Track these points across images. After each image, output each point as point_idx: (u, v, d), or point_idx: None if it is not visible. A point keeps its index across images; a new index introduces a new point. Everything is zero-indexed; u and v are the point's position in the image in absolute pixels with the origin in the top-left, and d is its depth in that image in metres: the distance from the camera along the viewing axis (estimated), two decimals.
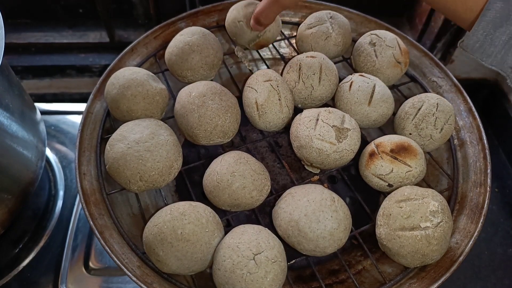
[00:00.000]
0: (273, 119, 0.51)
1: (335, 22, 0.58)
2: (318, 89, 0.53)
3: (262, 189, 0.46)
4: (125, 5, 0.85)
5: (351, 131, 0.47)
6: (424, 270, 0.44)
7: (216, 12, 0.65)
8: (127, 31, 0.89)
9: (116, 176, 0.45)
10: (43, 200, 0.65)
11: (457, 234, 0.46)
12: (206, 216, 0.42)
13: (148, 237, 0.41)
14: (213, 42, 0.55)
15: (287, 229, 0.43)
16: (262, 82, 0.51)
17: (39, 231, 0.62)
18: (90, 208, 0.46)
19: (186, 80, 0.55)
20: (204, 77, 0.55)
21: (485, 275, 0.67)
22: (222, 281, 0.39)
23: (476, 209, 0.48)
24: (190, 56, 0.53)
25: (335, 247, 0.42)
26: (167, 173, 0.45)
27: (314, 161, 0.48)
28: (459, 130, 0.55)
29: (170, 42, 0.56)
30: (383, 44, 0.56)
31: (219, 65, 0.57)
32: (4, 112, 0.47)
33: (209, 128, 0.47)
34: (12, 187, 0.51)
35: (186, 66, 0.53)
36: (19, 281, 0.58)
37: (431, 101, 0.50)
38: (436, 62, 0.60)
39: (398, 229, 0.42)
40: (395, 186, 0.47)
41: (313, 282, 0.48)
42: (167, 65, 0.56)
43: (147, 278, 0.42)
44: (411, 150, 0.46)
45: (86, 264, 0.59)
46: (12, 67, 0.63)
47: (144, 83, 0.50)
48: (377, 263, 0.46)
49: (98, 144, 0.51)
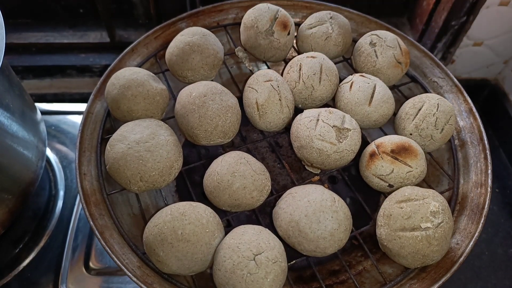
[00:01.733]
0: (274, 119, 0.51)
1: (335, 23, 0.58)
2: (318, 89, 0.53)
3: (262, 190, 0.45)
4: (126, 5, 0.85)
5: (351, 132, 0.47)
6: (424, 270, 0.44)
7: (217, 12, 0.65)
8: (127, 31, 0.89)
9: (116, 176, 0.45)
10: (43, 200, 0.65)
11: (457, 235, 0.46)
12: (207, 217, 0.42)
13: (148, 237, 0.41)
14: (213, 43, 0.55)
15: (288, 230, 0.43)
16: (262, 82, 0.51)
17: (39, 231, 0.62)
18: (90, 208, 0.46)
19: (186, 80, 0.55)
20: (205, 78, 0.55)
21: (485, 276, 0.67)
22: (222, 282, 0.39)
23: (476, 210, 0.48)
24: (191, 57, 0.53)
25: (336, 247, 0.42)
26: (167, 173, 0.45)
27: (315, 161, 0.48)
28: (459, 130, 0.55)
29: (171, 42, 0.56)
30: (384, 45, 0.56)
31: (219, 65, 0.56)
32: (5, 112, 0.48)
33: (210, 128, 0.47)
34: (12, 187, 0.51)
35: (186, 66, 0.53)
36: (20, 281, 0.58)
37: (432, 101, 0.50)
38: (437, 63, 0.60)
39: (398, 230, 0.42)
40: (395, 186, 0.46)
41: (313, 282, 0.48)
42: (168, 65, 0.56)
43: (148, 278, 0.42)
44: (412, 151, 0.46)
45: (86, 264, 0.59)
46: (12, 67, 0.63)
47: (144, 83, 0.50)
48: (378, 263, 0.46)
49: (98, 144, 0.51)
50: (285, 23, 0.56)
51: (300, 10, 0.67)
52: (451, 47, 0.84)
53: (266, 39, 0.56)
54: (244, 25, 0.58)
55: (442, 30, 0.81)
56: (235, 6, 0.65)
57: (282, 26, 0.56)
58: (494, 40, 0.81)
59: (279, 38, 0.56)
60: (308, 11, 0.66)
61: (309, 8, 0.67)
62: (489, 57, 0.85)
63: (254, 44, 0.57)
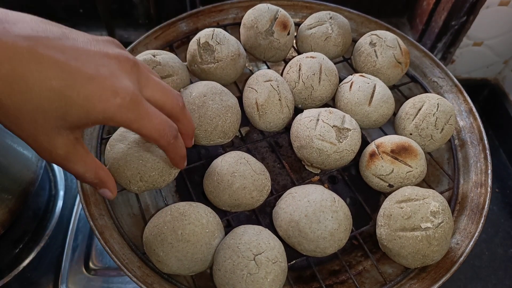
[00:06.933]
0: (274, 119, 0.51)
1: (334, 23, 0.58)
2: (318, 89, 0.53)
3: (262, 190, 0.45)
4: (126, 5, 0.85)
5: (351, 131, 0.47)
6: (424, 270, 0.44)
7: (217, 12, 0.65)
8: (127, 31, 0.89)
9: (116, 176, 0.45)
10: (43, 200, 0.65)
11: (457, 235, 0.46)
12: (207, 217, 0.42)
13: (148, 237, 0.41)
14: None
15: (288, 230, 0.43)
16: (262, 82, 0.51)
17: (39, 231, 0.62)
18: (90, 208, 0.45)
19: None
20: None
21: (485, 276, 0.67)
22: (222, 282, 0.39)
23: (476, 210, 0.48)
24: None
25: (336, 247, 0.42)
26: (167, 174, 0.45)
27: (315, 161, 0.48)
28: (459, 130, 0.55)
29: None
30: (384, 45, 0.56)
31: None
32: None
33: (210, 128, 0.47)
34: (12, 187, 0.51)
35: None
36: (20, 281, 0.58)
37: (432, 101, 0.50)
38: (437, 62, 0.60)
39: (398, 230, 0.42)
40: (395, 186, 0.46)
41: (313, 282, 0.48)
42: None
43: (148, 278, 0.41)
44: (412, 151, 0.46)
45: (86, 264, 0.59)
46: None
47: None
48: (378, 263, 0.46)
49: (98, 144, 0.51)
50: (285, 23, 0.56)
51: (300, 10, 0.67)
52: (451, 47, 0.83)
53: (266, 39, 0.56)
54: (244, 25, 0.58)
55: (442, 30, 0.81)
56: (235, 6, 0.65)
57: (282, 26, 0.56)
58: (494, 40, 0.81)
59: (279, 38, 0.56)
60: (308, 11, 0.66)
61: (309, 8, 0.67)
62: (489, 57, 0.85)
63: (254, 44, 0.57)
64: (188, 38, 0.61)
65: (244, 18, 0.58)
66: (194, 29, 0.63)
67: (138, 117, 0.29)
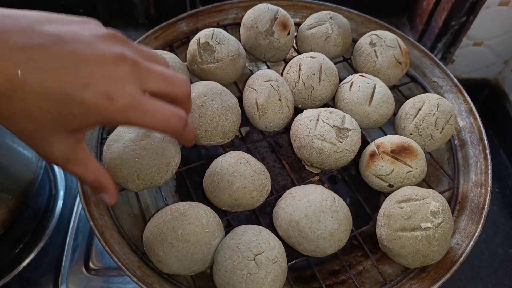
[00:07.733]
0: (274, 119, 0.51)
1: (334, 23, 0.58)
2: (318, 89, 0.53)
3: (262, 190, 0.45)
4: (126, 5, 0.85)
5: (351, 131, 0.47)
6: (424, 270, 0.44)
7: (217, 12, 0.65)
8: (127, 31, 0.89)
9: (114, 176, 0.45)
10: (43, 200, 0.65)
11: (457, 235, 0.46)
12: (207, 217, 0.42)
13: (148, 237, 0.41)
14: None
15: (288, 230, 0.43)
16: (262, 82, 0.51)
17: (39, 231, 0.62)
18: (90, 208, 0.45)
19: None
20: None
21: (485, 276, 0.67)
22: (222, 282, 0.39)
23: (476, 210, 0.48)
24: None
25: (336, 247, 0.42)
26: (164, 170, 0.45)
27: (315, 161, 0.48)
28: (459, 130, 0.55)
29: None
30: (384, 45, 0.56)
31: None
32: None
33: (210, 128, 0.47)
34: (12, 187, 0.51)
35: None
36: (20, 281, 0.57)
37: (432, 101, 0.50)
38: (437, 63, 0.60)
39: (398, 230, 0.42)
40: (395, 186, 0.46)
41: (313, 282, 0.48)
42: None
43: (148, 278, 0.41)
44: (412, 151, 0.46)
45: (86, 264, 0.59)
46: None
47: None
48: (378, 263, 0.46)
49: (98, 144, 0.51)
50: (285, 23, 0.56)
51: (300, 10, 0.67)
52: (451, 47, 0.83)
53: (266, 39, 0.56)
54: (244, 25, 0.58)
55: (442, 30, 0.81)
56: (235, 6, 0.65)
57: (282, 26, 0.56)
58: (494, 40, 0.81)
59: (279, 38, 0.56)
60: (308, 11, 0.66)
61: (309, 8, 0.66)
62: (489, 57, 0.85)
63: (254, 44, 0.57)
64: (188, 38, 0.61)
65: (244, 18, 0.58)
66: (194, 29, 0.63)
67: (139, 116, 0.29)
